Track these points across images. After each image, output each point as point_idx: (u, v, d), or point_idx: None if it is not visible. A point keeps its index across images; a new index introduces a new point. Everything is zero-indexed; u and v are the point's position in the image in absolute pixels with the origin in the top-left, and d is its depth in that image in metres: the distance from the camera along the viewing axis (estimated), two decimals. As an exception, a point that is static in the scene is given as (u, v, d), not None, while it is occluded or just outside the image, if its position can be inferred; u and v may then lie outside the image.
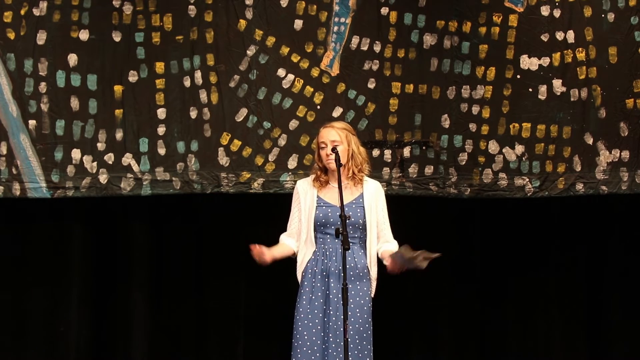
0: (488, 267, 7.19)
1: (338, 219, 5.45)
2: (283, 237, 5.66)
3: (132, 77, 6.72)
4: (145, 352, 6.99)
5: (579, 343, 7.23)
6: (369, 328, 5.55)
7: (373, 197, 5.59)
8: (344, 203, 5.43)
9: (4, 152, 6.63)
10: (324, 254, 5.53)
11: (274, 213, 6.12)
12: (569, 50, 6.88)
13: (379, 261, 5.65)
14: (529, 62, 6.88)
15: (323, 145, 5.56)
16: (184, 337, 7.05)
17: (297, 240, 5.62)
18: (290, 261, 5.79)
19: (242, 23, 6.78)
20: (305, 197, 5.59)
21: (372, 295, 5.64)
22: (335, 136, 5.54)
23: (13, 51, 6.64)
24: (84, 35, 6.70)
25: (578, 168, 6.88)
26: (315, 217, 5.53)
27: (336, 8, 6.83)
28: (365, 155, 5.65)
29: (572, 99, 6.89)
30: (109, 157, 6.71)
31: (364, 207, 5.56)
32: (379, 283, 5.73)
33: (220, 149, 6.76)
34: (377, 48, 6.85)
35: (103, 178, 6.70)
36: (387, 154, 6.86)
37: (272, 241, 5.89)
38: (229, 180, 6.77)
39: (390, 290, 7.11)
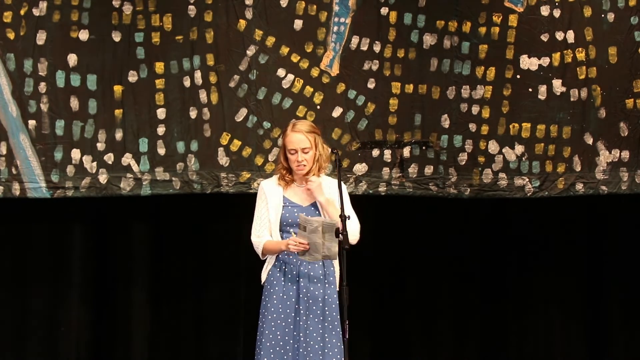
0: (488, 266, 7.19)
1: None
2: (265, 238, 5.53)
3: (132, 77, 6.72)
4: (145, 352, 6.99)
5: (579, 343, 7.23)
6: (338, 325, 5.48)
7: (333, 194, 5.55)
8: (309, 203, 5.46)
9: (4, 152, 6.63)
10: (291, 253, 5.49)
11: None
12: (569, 50, 6.87)
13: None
14: (528, 62, 6.87)
15: (293, 152, 5.50)
16: (184, 337, 7.05)
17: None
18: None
19: (242, 23, 6.78)
20: (271, 197, 5.55)
21: (337, 288, 5.55)
22: (306, 143, 5.47)
23: (13, 51, 6.64)
24: (83, 35, 6.70)
25: (578, 168, 6.88)
26: (282, 217, 5.51)
27: (336, 8, 6.82)
28: (328, 154, 5.59)
29: (572, 99, 6.89)
30: (109, 157, 6.71)
31: (317, 207, 5.52)
32: (379, 283, 5.73)
33: (220, 149, 6.76)
34: (376, 48, 6.85)
35: (103, 178, 6.71)
36: (387, 154, 6.86)
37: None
38: (229, 180, 6.77)
39: (390, 290, 7.14)
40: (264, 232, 5.53)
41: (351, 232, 5.40)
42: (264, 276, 5.58)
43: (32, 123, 6.66)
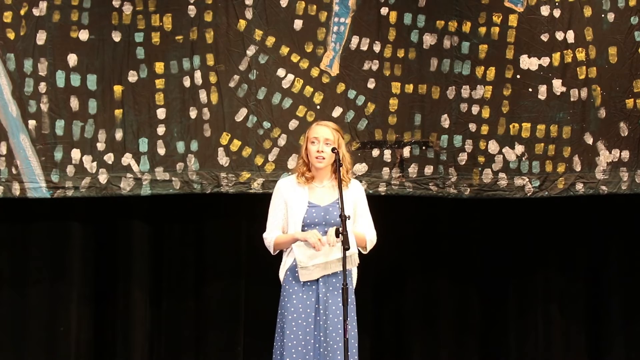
0: (488, 267, 7.19)
1: (322, 218, 5.45)
2: (276, 234, 5.58)
3: (132, 77, 6.73)
4: (145, 352, 6.99)
5: (579, 343, 7.23)
6: (355, 326, 5.51)
7: (352, 197, 5.58)
8: (327, 203, 5.48)
9: (4, 152, 6.64)
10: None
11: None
12: (569, 50, 6.88)
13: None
14: (528, 62, 6.88)
15: (315, 141, 5.53)
16: (184, 337, 7.05)
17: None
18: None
19: (242, 23, 6.78)
20: (292, 197, 5.56)
21: (354, 286, 5.59)
22: (329, 135, 5.53)
23: (13, 51, 6.64)
24: (83, 35, 6.71)
25: (578, 168, 6.88)
26: (303, 218, 5.52)
27: (336, 8, 6.83)
28: (350, 160, 5.63)
29: (572, 99, 6.89)
30: (109, 157, 6.71)
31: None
32: (380, 283, 5.73)
33: (220, 149, 6.76)
34: (376, 48, 6.85)
35: (103, 178, 6.71)
36: (387, 154, 6.86)
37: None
38: (229, 180, 6.77)
39: (391, 290, 7.14)
40: (276, 229, 5.57)
41: (369, 240, 5.60)
42: (281, 276, 5.59)
43: (32, 123, 6.66)
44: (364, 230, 5.60)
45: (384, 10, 6.86)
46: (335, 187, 5.55)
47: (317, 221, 5.48)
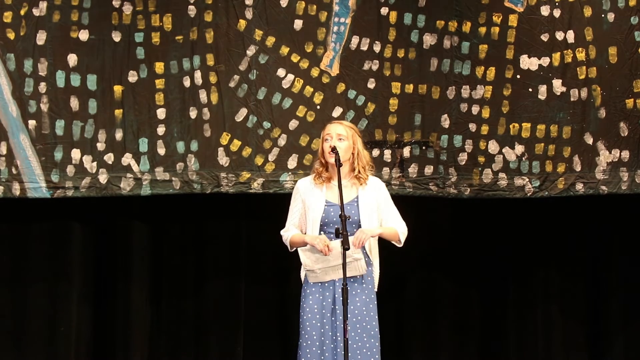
0: (488, 267, 7.18)
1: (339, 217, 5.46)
2: (293, 232, 5.59)
3: (132, 77, 6.73)
4: (145, 352, 6.99)
5: (579, 343, 7.23)
6: (375, 326, 5.53)
7: (373, 194, 5.58)
8: (345, 202, 5.45)
9: (4, 152, 6.64)
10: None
11: (273, 213, 6.12)
12: (569, 50, 6.88)
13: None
14: (528, 62, 6.88)
15: (328, 138, 5.55)
16: (184, 337, 7.05)
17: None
18: (290, 261, 5.79)
19: (242, 23, 6.78)
20: (309, 197, 5.57)
21: (376, 289, 5.61)
22: (342, 131, 5.55)
23: (13, 51, 6.65)
24: (83, 35, 6.71)
25: (578, 168, 6.89)
26: (321, 217, 5.52)
27: (336, 8, 6.83)
28: (369, 158, 5.64)
29: (572, 99, 6.89)
30: (109, 157, 6.71)
31: (358, 205, 5.54)
32: (380, 283, 5.72)
33: (220, 149, 6.77)
34: (377, 48, 6.85)
35: (103, 178, 6.71)
36: (387, 154, 6.86)
37: (271, 241, 5.88)
38: (229, 180, 6.77)
39: (391, 290, 7.13)
40: (293, 227, 5.60)
41: (401, 233, 5.66)
42: (303, 276, 5.60)
43: (32, 123, 6.66)
44: (394, 225, 5.62)
45: (384, 10, 6.86)
46: (354, 185, 5.57)
47: (336, 220, 5.48)
